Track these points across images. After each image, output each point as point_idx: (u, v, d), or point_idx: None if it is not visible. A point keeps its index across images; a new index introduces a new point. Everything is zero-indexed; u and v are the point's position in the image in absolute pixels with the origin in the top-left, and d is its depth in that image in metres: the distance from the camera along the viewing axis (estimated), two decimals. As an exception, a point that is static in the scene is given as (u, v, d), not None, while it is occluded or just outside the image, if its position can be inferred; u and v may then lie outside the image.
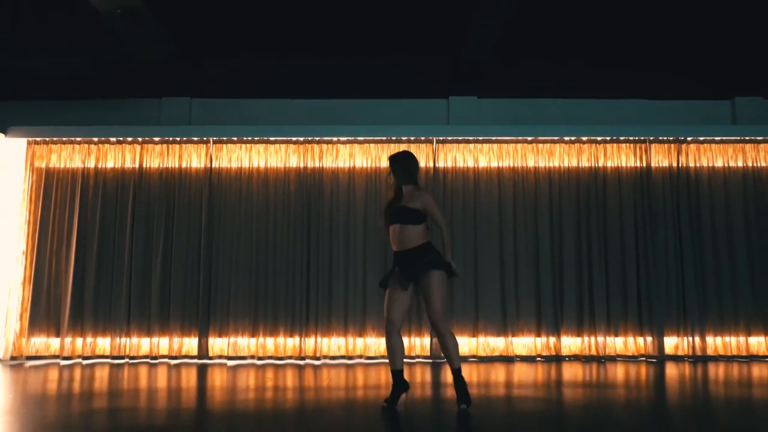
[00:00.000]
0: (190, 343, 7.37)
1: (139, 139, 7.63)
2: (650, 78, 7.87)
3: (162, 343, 7.37)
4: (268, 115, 7.79)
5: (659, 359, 7.25)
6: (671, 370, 6.67)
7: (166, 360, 7.30)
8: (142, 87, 7.84)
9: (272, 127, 7.56)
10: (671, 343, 7.41)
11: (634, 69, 7.83)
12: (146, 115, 7.81)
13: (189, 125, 7.66)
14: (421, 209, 4.65)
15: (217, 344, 7.37)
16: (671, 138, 7.63)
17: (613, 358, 7.31)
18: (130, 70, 7.52)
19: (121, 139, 7.63)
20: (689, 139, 7.66)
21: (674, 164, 7.65)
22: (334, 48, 7.63)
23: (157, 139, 7.63)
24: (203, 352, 7.29)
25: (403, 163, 4.77)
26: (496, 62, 7.55)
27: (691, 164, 7.67)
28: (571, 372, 6.50)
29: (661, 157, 7.69)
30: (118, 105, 7.81)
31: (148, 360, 7.30)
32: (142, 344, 7.38)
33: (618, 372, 6.51)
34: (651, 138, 7.62)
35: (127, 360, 7.28)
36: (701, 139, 7.66)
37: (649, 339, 7.34)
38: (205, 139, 7.60)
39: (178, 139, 7.62)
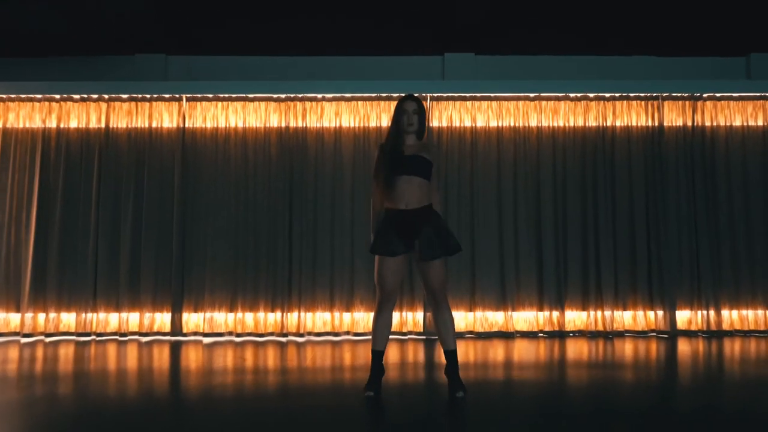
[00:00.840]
0: (162, 319, 6.94)
1: (105, 97, 7.12)
2: (661, 33, 7.24)
3: (132, 319, 6.92)
4: (250, 72, 7.25)
5: (671, 334, 6.86)
6: (684, 345, 6.34)
7: (136, 337, 6.87)
8: (115, 43, 7.17)
9: (250, 82, 7.07)
10: (684, 317, 7.01)
11: (644, 25, 7.20)
12: (119, 74, 7.22)
13: (160, 81, 7.14)
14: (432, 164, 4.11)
15: (192, 320, 6.94)
16: (686, 94, 7.16)
17: (621, 334, 6.93)
18: (102, 24, 6.82)
19: (85, 96, 7.12)
20: (705, 96, 7.19)
21: (689, 123, 7.17)
22: (323, 2, 6.94)
23: (125, 96, 7.11)
24: (177, 328, 6.85)
25: (424, 109, 4.19)
26: (494, 15, 6.89)
27: (707, 123, 7.19)
28: (576, 349, 6.15)
29: (674, 116, 7.22)
30: (88, 62, 7.22)
31: (117, 337, 6.86)
32: (110, 320, 6.93)
33: (626, 348, 6.17)
34: (664, 94, 7.15)
35: (93, 337, 6.85)
36: (718, 95, 7.19)
37: (660, 313, 6.94)
38: (177, 96, 7.11)
39: (148, 96, 7.11)
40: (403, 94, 4.39)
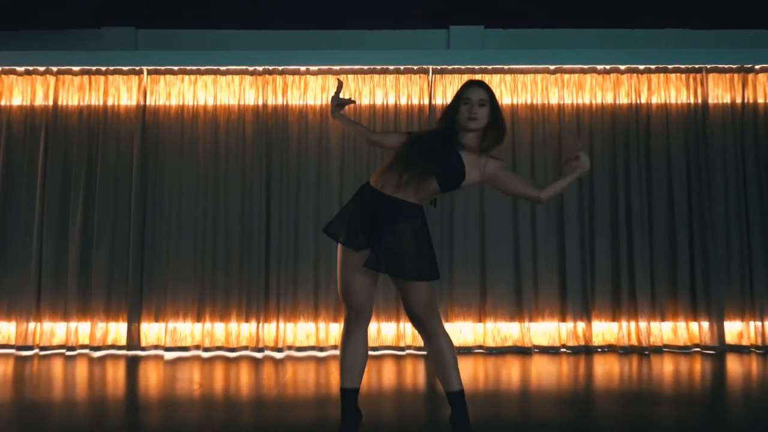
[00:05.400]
0: (117, 330, 6.54)
1: (54, 69, 6.71)
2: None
3: (81, 329, 6.50)
4: (224, 44, 6.87)
5: (719, 350, 6.40)
6: (734, 364, 5.97)
7: (86, 351, 6.44)
8: (78, 16, 6.82)
9: (222, 51, 6.64)
10: (734, 329, 6.55)
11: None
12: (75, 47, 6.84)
13: (115, 50, 6.74)
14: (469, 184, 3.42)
15: (152, 331, 6.54)
16: (734, 66, 6.71)
17: (659, 349, 6.45)
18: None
19: (30, 69, 6.70)
20: (758, 67, 6.74)
21: (738, 99, 6.73)
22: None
23: (76, 69, 6.70)
24: (134, 340, 6.43)
25: (497, 105, 3.46)
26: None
27: (761, 99, 6.74)
28: (606, 367, 5.83)
29: (721, 91, 6.79)
30: (49, 37, 6.78)
31: (64, 351, 6.44)
32: (56, 330, 6.53)
33: (665, 367, 5.86)
34: (708, 66, 6.71)
35: (36, 350, 6.45)
36: (773, 67, 6.78)
37: (705, 324, 6.47)
38: (137, 68, 6.69)
39: (102, 69, 6.70)
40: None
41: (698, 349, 6.43)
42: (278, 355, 6.25)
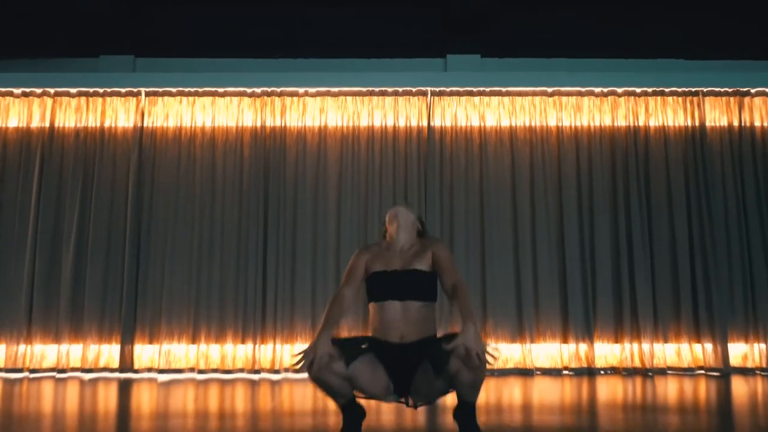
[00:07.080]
0: (110, 352, 6.48)
1: (51, 92, 6.75)
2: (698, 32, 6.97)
3: (73, 352, 6.43)
4: (222, 67, 6.90)
5: (723, 372, 6.35)
6: (739, 386, 5.89)
7: (78, 374, 6.34)
8: (77, 44, 6.95)
9: (221, 74, 6.71)
10: (738, 351, 6.53)
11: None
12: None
13: (112, 73, 6.77)
14: (430, 271, 3.49)
15: (146, 353, 6.47)
16: (730, 90, 6.82)
17: (663, 371, 6.40)
18: (62, 22, 6.62)
19: (27, 90, 6.75)
20: (753, 91, 6.83)
21: (735, 122, 6.82)
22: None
23: (73, 91, 6.74)
24: (127, 363, 6.35)
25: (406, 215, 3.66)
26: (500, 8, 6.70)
27: (757, 123, 6.84)
28: (609, 389, 5.72)
29: (717, 114, 6.87)
30: (47, 65, 6.83)
31: (55, 374, 6.33)
32: (46, 353, 6.44)
33: (669, 389, 5.72)
34: (705, 89, 6.81)
35: (27, 374, 6.34)
36: (768, 90, 6.89)
37: (708, 346, 6.44)
38: (135, 90, 6.74)
39: (100, 91, 6.75)
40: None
41: (702, 372, 6.39)
42: (275, 378, 6.18)
